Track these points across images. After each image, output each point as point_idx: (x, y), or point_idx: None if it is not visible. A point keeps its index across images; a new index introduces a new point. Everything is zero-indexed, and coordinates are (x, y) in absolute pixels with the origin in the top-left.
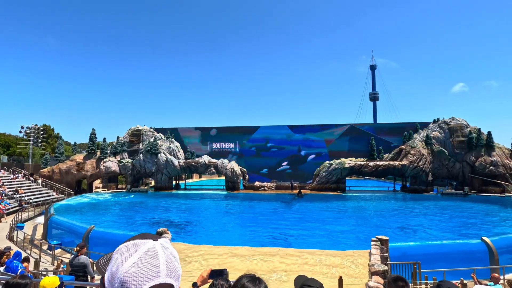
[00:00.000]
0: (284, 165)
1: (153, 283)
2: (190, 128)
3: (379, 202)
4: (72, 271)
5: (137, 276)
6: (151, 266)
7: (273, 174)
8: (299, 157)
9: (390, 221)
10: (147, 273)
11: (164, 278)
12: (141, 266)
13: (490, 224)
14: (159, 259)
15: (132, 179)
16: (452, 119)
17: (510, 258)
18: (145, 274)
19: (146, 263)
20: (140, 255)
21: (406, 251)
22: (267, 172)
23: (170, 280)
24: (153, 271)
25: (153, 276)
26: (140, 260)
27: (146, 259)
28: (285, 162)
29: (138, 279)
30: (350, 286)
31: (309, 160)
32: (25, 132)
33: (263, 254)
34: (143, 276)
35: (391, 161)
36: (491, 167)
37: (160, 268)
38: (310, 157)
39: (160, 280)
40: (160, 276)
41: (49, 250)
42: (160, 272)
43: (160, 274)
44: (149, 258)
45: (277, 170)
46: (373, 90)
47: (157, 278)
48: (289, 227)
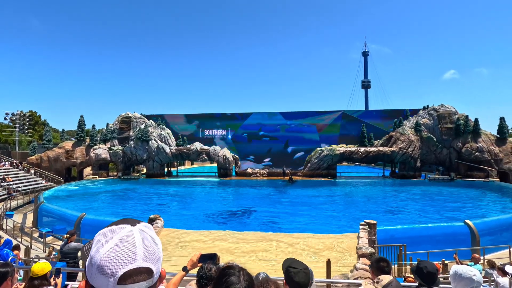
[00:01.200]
0: (266, 161)
1: (129, 267)
2: (178, 115)
3: (369, 187)
4: (63, 258)
5: (113, 261)
6: (127, 251)
7: (259, 163)
8: (285, 154)
9: (379, 206)
10: (123, 257)
11: (140, 262)
12: (117, 251)
13: (473, 207)
14: (136, 243)
15: (123, 166)
16: (441, 106)
17: (490, 239)
18: (121, 258)
19: (122, 248)
20: (117, 241)
21: (393, 234)
22: (253, 159)
23: (147, 264)
24: (129, 255)
25: (129, 261)
26: (117, 245)
27: (122, 244)
28: (267, 159)
29: (113, 264)
30: (338, 268)
31: (296, 157)
32: (10, 119)
33: (254, 238)
34: (119, 261)
35: (381, 148)
36: (476, 153)
37: (137, 253)
38: (297, 154)
39: (136, 265)
40: (137, 261)
41: (40, 238)
42: (137, 256)
43: (137, 258)
44: (126, 243)
45: (260, 165)
46: (365, 77)
47: (133, 263)
48: (280, 212)
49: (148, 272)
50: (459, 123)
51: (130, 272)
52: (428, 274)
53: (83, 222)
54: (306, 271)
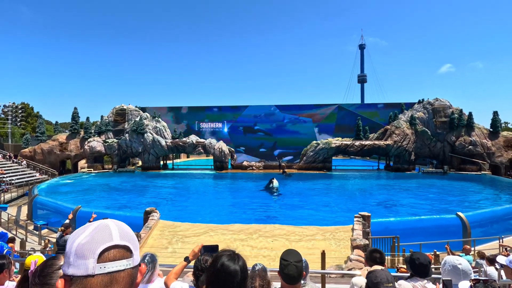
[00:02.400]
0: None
1: (106, 245)
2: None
3: (363, 180)
4: (59, 250)
5: (90, 243)
6: (102, 232)
7: (250, 153)
8: (271, 157)
9: (373, 198)
10: (99, 238)
11: (117, 240)
12: (93, 235)
13: (465, 200)
14: (111, 228)
15: (118, 159)
16: (436, 99)
17: (481, 231)
18: (97, 239)
19: (97, 233)
20: (92, 229)
21: (387, 226)
22: (243, 150)
23: (124, 242)
24: (105, 236)
25: (106, 239)
26: (91, 233)
27: (97, 230)
28: (256, 161)
29: (90, 245)
30: (333, 259)
31: (284, 160)
32: (2, 111)
33: (250, 230)
34: (96, 242)
35: (376, 141)
36: (470, 147)
37: (112, 233)
38: (285, 158)
39: (114, 242)
40: (113, 239)
41: (35, 230)
42: (113, 235)
43: (113, 237)
44: (100, 229)
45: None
46: (362, 70)
47: (111, 241)
48: (275, 205)
49: (126, 249)
50: (453, 117)
51: (109, 248)
52: (420, 265)
53: (79, 214)
54: (297, 264)
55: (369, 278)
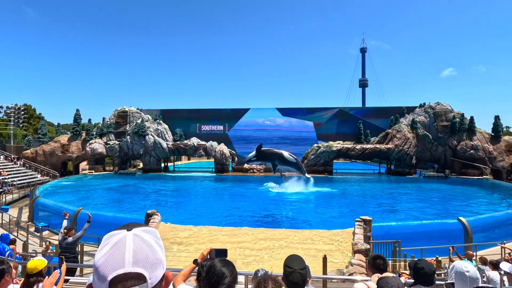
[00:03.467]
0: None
1: (117, 272)
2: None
3: (364, 184)
4: (62, 253)
5: (104, 266)
6: (117, 256)
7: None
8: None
9: (374, 202)
10: (112, 263)
11: (129, 267)
12: (108, 256)
13: (467, 204)
14: (126, 249)
15: (119, 161)
16: (437, 103)
17: (483, 236)
18: (110, 264)
19: (113, 253)
20: (110, 246)
21: (388, 230)
22: (246, 153)
23: (137, 269)
24: (117, 261)
25: (118, 266)
26: (110, 250)
27: (114, 249)
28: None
29: (104, 268)
30: (335, 264)
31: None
32: (5, 112)
33: (252, 233)
34: (109, 266)
35: (378, 145)
36: (471, 151)
37: (125, 258)
38: None
39: (125, 270)
40: (125, 266)
41: (36, 232)
42: (125, 261)
43: (125, 263)
44: (117, 249)
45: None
46: (363, 75)
47: (122, 268)
48: (277, 208)
49: (138, 277)
50: (454, 121)
51: (120, 277)
52: (424, 274)
53: (80, 216)
54: (301, 272)
55: (379, 284)
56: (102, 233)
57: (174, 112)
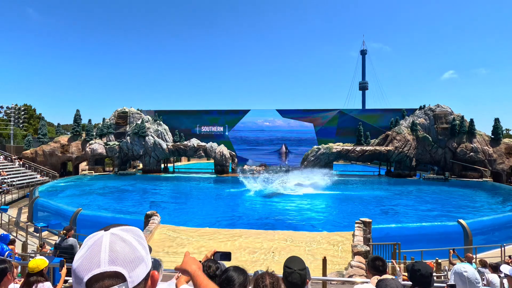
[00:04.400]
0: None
1: (92, 273)
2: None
3: (364, 185)
4: (60, 253)
5: (80, 268)
6: (92, 256)
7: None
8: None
9: (374, 204)
10: (87, 264)
11: (105, 266)
12: (84, 258)
13: (467, 207)
14: (101, 248)
15: (119, 161)
16: (437, 106)
17: (482, 239)
18: (85, 264)
19: (89, 254)
20: (87, 248)
21: (388, 232)
22: (245, 155)
23: (114, 267)
24: (93, 261)
25: (93, 266)
26: (85, 252)
27: (90, 250)
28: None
29: (80, 270)
30: (334, 265)
31: None
32: (5, 112)
33: (252, 235)
34: (84, 268)
35: (378, 147)
36: (471, 153)
37: (101, 257)
38: None
39: (101, 269)
40: (101, 265)
41: (35, 233)
42: (101, 261)
43: (101, 263)
44: (92, 249)
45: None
46: (363, 77)
47: (98, 268)
48: (277, 209)
49: (117, 276)
50: (454, 124)
51: (96, 277)
52: (421, 276)
53: (79, 217)
54: (301, 272)
55: (379, 286)
56: None
57: (174, 113)
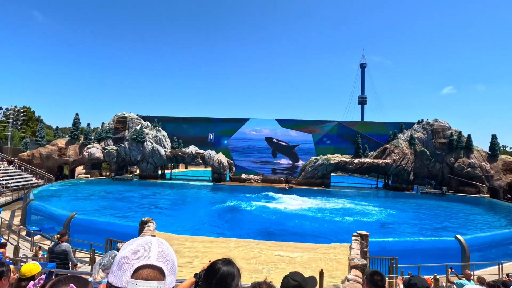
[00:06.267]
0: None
1: (142, 262)
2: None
3: (361, 198)
4: (52, 259)
5: (130, 257)
6: (143, 250)
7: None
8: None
9: (371, 217)
10: (139, 254)
11: (154, 260)
12: (135, 250)
13: (464, 222)
14: (152, 246)
15: (116, 166)
16: (435, 121)
17: (480, 255)
18: (136, 255)
19: (139, 249)
20: (137, 244)
21: (385, 246)
22: (245, 164)
23: (159, 263)
24: (144, 253)
25: (144, 257)
26: (135, 248)
27: (140, 245)
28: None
29: (130, 259)
30: (331, 279)
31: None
32: (4, 114)
33: (248, 245)
34: (135, 257)
35: (376, 159)
36: (468, 169)
37: (152, 252)
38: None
39: (150, 261)
40: (151, 258)
41: (27, 236)
42: (151, 255)
43: (151, 256)
44: (144, 245)
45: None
46: (362, 91)
47: (148, 259)
48: (273, 220)
49: (160, 271)
50: (452, 139)
51: (143, 266)
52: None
53: (73, 222)
54: (295, 284)
55: None
56: (95, 240)
57: (173, 120)
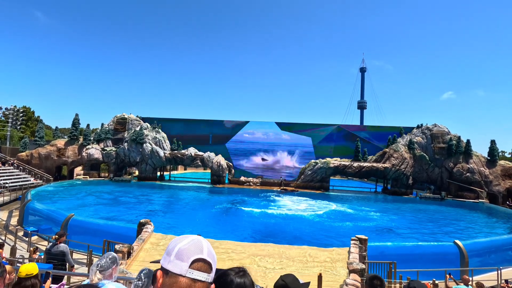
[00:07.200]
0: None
1: (198, 256)
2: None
3: (360, 202)
4: (50, 259)
5: (188, 250)
6: (197, 246)
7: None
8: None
9: (370, 221)
10: (195, 249)
11: (206, 255)
12: (190, 245)
13: (463, 228)
14: (203, 244)
15: (115, 168)
16: (434, 125)
17: (478, 261)
18: (193, 249)
19: (194, 244)
20: (190, 240)
21: (384, 250)
22: (243, 166)
23: (209, 259)
24: (198, 248)
25: (198, 252)
26: (189, 242)
27: (193, 242)
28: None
29: (189, 252)
30: (329, 283)
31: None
32: (3, 114)
33: (247, 248)
34: (191, 251)
35: (375, 163)
36: (467, 174)
37: (203, 249)
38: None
39: (203, 256)
40: (203, 253)
41: (25, 237)
42: (203, 251)
43: (203, 252)
44: (196, 241)
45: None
46: (362, 96)
47: (201, 254)
48: (272, 223)
49: (209, 266)
50: (451, 143)
51: (198, 259)
52: None
53: (71, 223)
54: (281, 284)
55: None
56: (93, 241)
57: (173, 121)
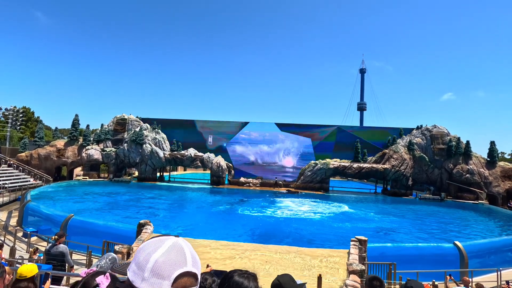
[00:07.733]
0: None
1: (181, 270)
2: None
3: (360, 203)
4: (49, 260)
5: (166, 264)
6: (179, 254)
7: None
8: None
9: (369, 222)
10: (177, 260)
11: (190, 267)
12: (169, 256)
13: (463, 229)
14: (185, 251)
15: (115, 168)
16: (434, 126)
17: (478, 262)
18: (175, 260)
19: (174, 253)
20: (167, 247)
21: (383, 251)
22: (242, 167)
23: (194, 269)
24: (181, 258)
25: (182, 264)
26: (168, 251)
27: (173, 250)
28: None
29: (169, 265)
30: (329, 284)
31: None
32: (3, 114)
33: (246, 249)
34: (174, 263)
35: (374, 164)
36: (467, 175)
37: (187, 258)
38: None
39: (187, 268)
40: (187, 265)
41: (24, 238)
42: (187, 261)
43: (187, 263)
44: (176, 250)
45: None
46: (361, 97)
47: (185, 266)
48: (272, 224)
49: (195, 278)
50: (451, 145)
51: (182, 274)
52: None
53: (71, 223)
54: (275, 283)
55: None
56: (92, 242)
57: (173, 122)
